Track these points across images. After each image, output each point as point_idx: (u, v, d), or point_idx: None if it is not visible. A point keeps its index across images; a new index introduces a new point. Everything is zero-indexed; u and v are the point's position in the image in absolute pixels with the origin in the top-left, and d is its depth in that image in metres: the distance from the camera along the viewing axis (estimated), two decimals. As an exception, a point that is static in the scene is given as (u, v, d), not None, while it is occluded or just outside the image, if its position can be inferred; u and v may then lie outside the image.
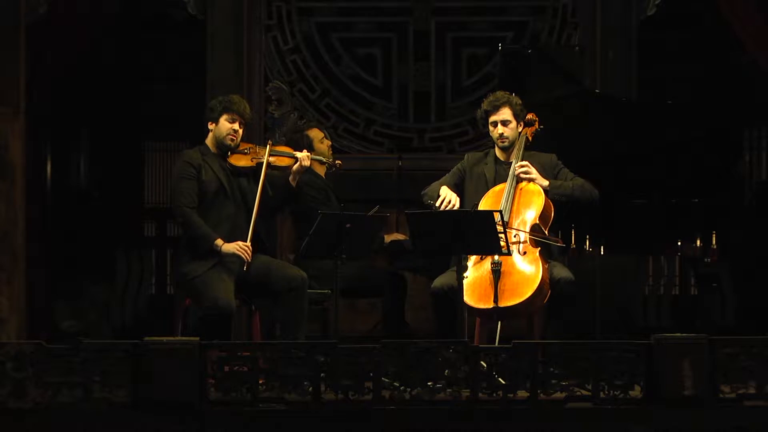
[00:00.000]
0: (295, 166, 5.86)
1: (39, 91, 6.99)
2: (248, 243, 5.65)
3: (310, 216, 6.08)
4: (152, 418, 4.70)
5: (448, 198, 5.71)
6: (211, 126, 5.87)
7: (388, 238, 6.48)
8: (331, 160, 6.29)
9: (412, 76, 8.35)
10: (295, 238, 6.52)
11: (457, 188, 5.84)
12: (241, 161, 5.84)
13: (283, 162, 5.88)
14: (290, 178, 5.88)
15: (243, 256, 5.64)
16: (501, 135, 5.81)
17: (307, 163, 5.87)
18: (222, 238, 5.69)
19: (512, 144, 5.82)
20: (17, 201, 6.42)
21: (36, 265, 7.00)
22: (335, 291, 5.55)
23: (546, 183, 5.72)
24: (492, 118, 5.83)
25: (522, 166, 5.71)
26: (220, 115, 5.83)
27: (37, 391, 4.72)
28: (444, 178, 5.93)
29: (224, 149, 5.84)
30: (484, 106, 5.85)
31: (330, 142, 6.66)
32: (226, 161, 5.84)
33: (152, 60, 8.52)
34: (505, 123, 5.81)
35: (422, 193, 5.88)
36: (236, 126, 5.83)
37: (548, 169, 5.81)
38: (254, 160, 5.82)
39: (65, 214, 8.22)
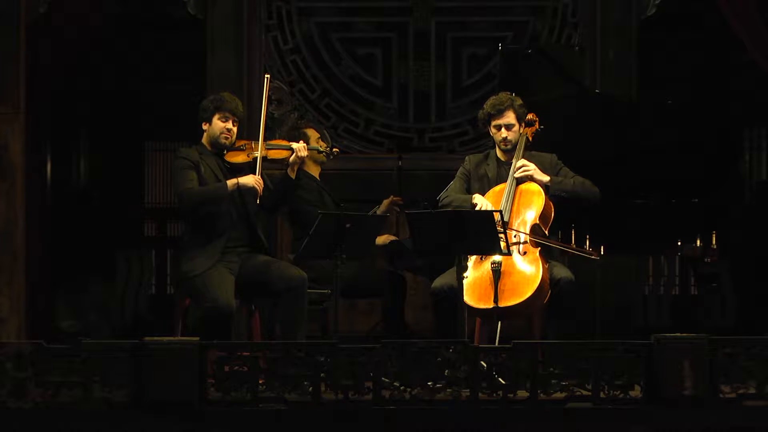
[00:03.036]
0: (292, 157, 5.86)
1: (39, 91, 6.99)
2: (258, 177, 5.71)
3: (304, 219, 6.09)
4: (152, 418, 4.70)
5: (485, 208, 5.67)
6: (204, 126, 5.87)
7: (379, 240, 6.45)
8: (327, 149, 6.28)
9: (412, 76, 8.35)
10: (293, 239, 6.52)
11: (467, 192, 5.84)
12: (237, 158, 5.84)
13: (280, 154, 5.88)
14: (288, 169, 5.89)
15: (258, 188, 5.70)
16: (505, 139, 5.81)
17: (303, 153, 5.87)
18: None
19: (514, 147, 5.82)
20: (17, 201, 6.43)
21: (36, 265, 7.00)
22: (335, 291, 5.55)
23: (547, 179, 5.73)
24: (496, 122, 5.82)
25: (520, 167, 5.71)
26: (212, 115, 5.83)
27: (37, 391, 4.72)
28: (454, 185, 5.91)
29: (220, 148, 5.84)
30: (488, 108, 5.84)
31: (325, 144, 6.64)
32: (223, 159, 5.85)
33: (152, 60, 8.52)
34: (508, 127, 5.80)
35: (441, 204, 5.83)
36: (229, 125, 5.83)
37: (548, 169, 5.81)
38: (250, 155, 5.83)
39: (65, 214, 8.22)
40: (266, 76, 6.01)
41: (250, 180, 5.72)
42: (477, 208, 5.65)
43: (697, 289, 7.92)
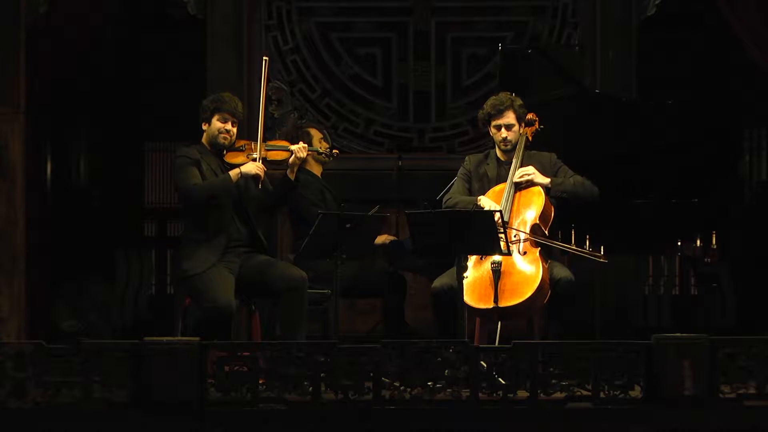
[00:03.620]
0: (292, 159, 5.86)
1: (39, 91, 6.99)
2: (260, 163, 5.72)
3: (306, 217, 6.09)
4: (152, 418, 4.70)
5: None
6: (204, 126, 5.87)
7: (378, 240, 6.44)
8: (327, 151, 6.29)
9: (412, 76, 8.35)
10: (294, 238, 6.52)
11: (469, 192, 5.84)
12: (237, 159, 5.83)
13: (279, 156, 5.88)
14: (288, 171, 5.89)
15: (261, 174, 5.71)
16: (504, 139, 5.81)
17: (302, 154, 5.87)
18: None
19: (514, 146, 5.82)
20: (17, 201, 6.43)
21: (36, 265, 7.00)
22: (335, 291, 5.55)
23: (547, 181, 5.73)
24: (496, 122, 5.82)
25: (521, 175, 5.70)
26: (212, 115, 5.83)
27: (37, 391, 4.72)
28: (456, 186, 5.91)
29: (219, 148, 5.84)
30: (488, 108, 5.84)
31: (328, 145, 6.65)
32: (223, 160, 5.85)
33: (152, 60, 8.52)
34: (508, 127, 5.80)
35: (447, 205, 5.81)
36: (228, 125, 5.82)
37: (547, 168, 5.82)
38: (250, 156, 5.82)
39: (65, 215, 8.22)
40: (264, 58, 6.00)
41: (252, 168, 5.72)
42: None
43: (697, 289, 7.92)
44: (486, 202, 5.70)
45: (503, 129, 5.81)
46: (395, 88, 8.36)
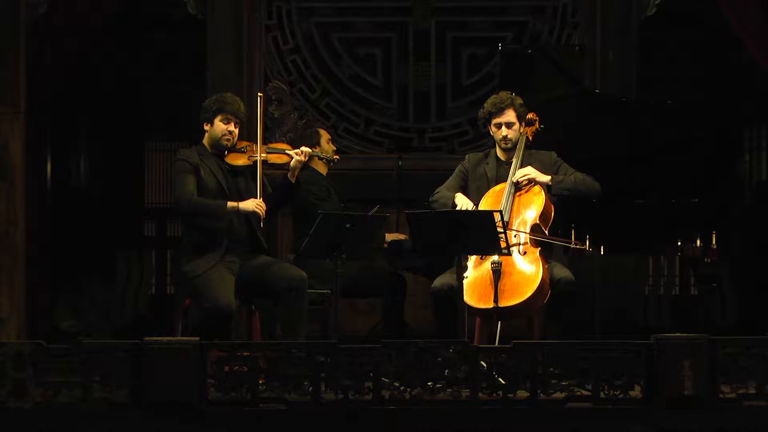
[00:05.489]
0: (292, 162, 5.86)
1: (39, 91, 6.99)
2: (260, 200, 5.70)
3: (309, 215, 6.09)
4: (152, 418, 4.71)
5: (465, 207, 5.68)
6: (206, 127, 5.86)
7: (389, 237, 6.49)
8: (328, 155, 6.31)
9: (412, 76, 8.35)
10: (295, 237, 6.53)
11: (463, 190, 5.84)
12: (238, 160, 5.83)
13: (280, 159, 5.88)
14: (288, 174, 5.89)
15: (260, 212, 5.69)
16: (505, 137, 5.81)
17: (302, 158, 5.87)
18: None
19: (515, 145, 5.82)
20: (17, 201, 6.43)
21: (36, 265, 7.00)
22: (335, 291, 5.55)
23: (548, 179, 5.73)
24: (496, 120, 5.83)
25: (521, 176, 5.70)
26: (214, 116, 5.82)
27: (37, 391, 4.72)
28: (449, 181, 5.91)
29: (221, 149, 5.83)
30: (488, 107, 5.84)
31: (335, 147, 6.67)
32: (224, 161, 5.84)
33: (152, 60, 8.51)
34: (509, 125, 5.81)
35: (431, 199, 5.84)
36: (231, 127, 5.82)
37: (548, 167, 5.82)
38: (251, 158, 5.82)
39: (65, 214, 8.21)
40: (259, 94, 6.03)
41: (251, 205, 5.71)
42: (458, 208, 5.66)
43: (697, 289, 7.92)
44: (460, 199, 5.72)
45: (504, 127, 5.81)
46: (395, 88, 8.36)
